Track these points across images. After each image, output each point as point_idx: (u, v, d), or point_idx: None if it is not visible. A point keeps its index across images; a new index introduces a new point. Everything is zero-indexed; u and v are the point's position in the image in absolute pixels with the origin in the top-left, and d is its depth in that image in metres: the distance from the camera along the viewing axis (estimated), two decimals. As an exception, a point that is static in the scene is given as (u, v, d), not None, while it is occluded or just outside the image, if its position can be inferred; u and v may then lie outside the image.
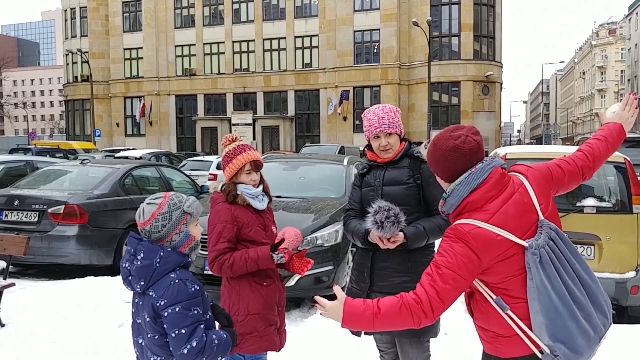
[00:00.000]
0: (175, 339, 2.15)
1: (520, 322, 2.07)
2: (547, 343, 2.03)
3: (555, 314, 2.03)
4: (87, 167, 8.80)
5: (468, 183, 2.11)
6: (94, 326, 5.13)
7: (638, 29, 58.75)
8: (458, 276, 2.02)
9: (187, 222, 2.29)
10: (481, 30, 36.26)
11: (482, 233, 2.03)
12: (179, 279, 2.20)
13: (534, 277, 2.03)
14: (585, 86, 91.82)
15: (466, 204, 2.11)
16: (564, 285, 2.07)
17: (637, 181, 5.53)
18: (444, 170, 2.17)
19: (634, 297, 5.30)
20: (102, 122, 42.40)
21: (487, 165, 2.13)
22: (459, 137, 2.13)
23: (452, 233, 2.09)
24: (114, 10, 42.99)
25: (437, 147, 2.17)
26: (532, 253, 2.04)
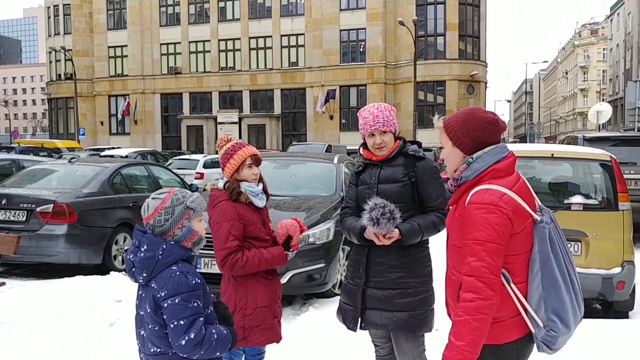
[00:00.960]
0: (174, 330, 2.18)
1: (520, 296, 2.20)
2: (543, 316, 2.17)
3: (555, 286, 2.18)
4: (75, 165, 8.75)
5: (496, 153, 2.26)
6: (85, 325, 5.11)
7: (619, 30, 59.47)
8: (501, 247, 2.14)
9: (189, 217, 2.33)
10: (466, 30, 36.51)
11: (511, 200, 2.17)
12: (180, 271, 2.23)
13: (540, 249, 2.19)
14: (568, 86, 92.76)
15: (492, 170, 2.22)
16: (564, 261, 2.23)
17: (622, 179, 5.63)
18: (474, 139, 2.27)
19: (620, 293, 5.40)
20: (86, 121, 42.02)
21: (506, 146, 2.32)
22: (495, 114, 2.32)
23: (481, 200, 2.17)
24: (98, 8, 42.61)
25: (474, 117, 2.28)
26: (543, 227, 2.20)
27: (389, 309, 3.05)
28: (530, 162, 6.24)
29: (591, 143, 9.36)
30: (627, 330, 5.02)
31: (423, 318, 3.07)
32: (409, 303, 3.04)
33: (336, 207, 6.51)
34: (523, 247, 2.20)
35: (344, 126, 37.64)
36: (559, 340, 2.19)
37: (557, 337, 2.18)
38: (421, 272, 3.12)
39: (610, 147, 9.14)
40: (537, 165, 6.39)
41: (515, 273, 2.21)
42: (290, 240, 3.19)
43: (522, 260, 2.21)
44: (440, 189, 3.14)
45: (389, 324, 3.07)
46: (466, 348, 2.08)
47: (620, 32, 58.71)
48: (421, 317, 3.06)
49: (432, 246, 3.27)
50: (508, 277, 2.19)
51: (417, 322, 3.06)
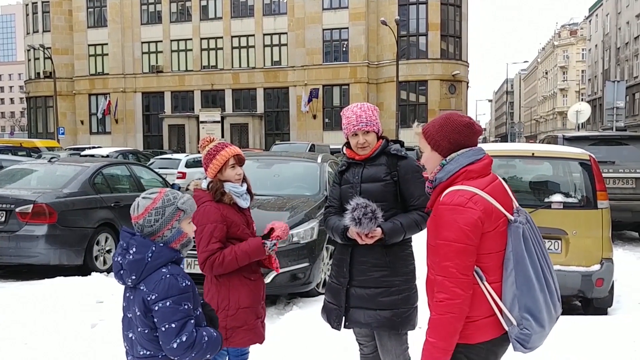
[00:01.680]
0: (165, 333, 2.16)
1: (494, 294, 2.25)
2: (516, 315, 2.22)
3: (528, 285, 2.23)
4: (55, 165, 8.64)
5: (469, 155, 2.33)
6: (66, 327, 5.06)
7: (598, 30, 60.28)
8: (470, 248, 2.20)
9: (180, 218, 2.31)
10: (448, 30, 36.75)
11: (481, 199, 2.23)
12: (170, 273, 2.21)
13: (515, 249, 2.24)
14: (548, 85, 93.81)
15: (465, 171, 2.30)
16: (538, 261, 2.29)
17: (601, 178, 5.72)
18: (450, 141, 2.34)
19: (599, 290, 5.48)
20: (66, 120, 41.49)
21: (482, 149, 2.39)
22: (470, 118, 2.42)
23: (450, 201, 2.24)
24: (77, 5, 42.09)
25: (450, 120, 2.38)
26: (517, 226, 2.26)
27: (372, 307, 3.07)
28: (512, 161, 6.31)
29: (571, 142, 9.48)
30: (606, 326, 5.09)
31: (406, 316, 3.09)
32: (393, 301, 3.06)
33: (320, 207, 6.52)
34: (496, 246, 2.26)
35: (327, 125, 37.67)
36: (533, 338, 2.22)
37: (531, 335, 2.21)
38: (404, 271, 3.14)
39: (589, 146, 9.27)
40: (518, 164, 6.46)
41: (489, 272, 2.26)
42: (271, 232, 3.15)
43: (495, 259, 2.26)
44: (422, 187, 3.16)
45: (373, 323, 3.09)
46: (438, 344, 2.20)
47: (599, 33, 59.53)
48: (404, 315, 3.08)
49: (415, 244, 3.30)
50: (481, 275, 2.24)
51: (401, 320, 3.08)
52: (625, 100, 21.33)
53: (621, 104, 19.84)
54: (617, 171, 9.50)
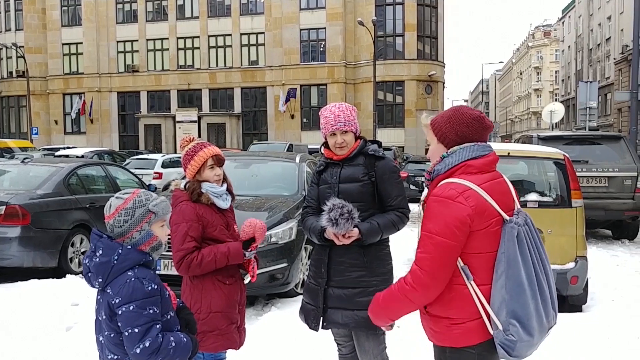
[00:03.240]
0: (129, 338, 2.13)
1: (481, 296, 2.16)
2: (503, 320, 2.12)
3: (519, 290, 2.12)
4: (28, 166, 8.49)
5: (473, 151, 2.24)
6: (41, 330, 4.99)
7: (571, 32, 61.24)
8: (452, 244, 2.12)
9: (150, 221, 2.27)
10: (424, 31, 37.00)
11: (474, 195, 2.14)
12: (136, 277, 2.17)
13: (507, 250, 2.14)
14: (522, 86, 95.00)
15: (464, 165, 2.21)
16: (533, 266, 2.18)
17: (575, 177, 5.81)
18: (457, 134, 2.26)
19: (574, 287, 5.57)
20: (40, 120, 40.80)
21: (489, 146, 2.31)
22: (481, 112, 2.33)
23: (441, 193, 2.17)
24: (51, 4, 41.36)
25: (459, 113, 2.29)
26: (512, 227, 2.16)
27: (350, 307, 3.07)
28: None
29: (545, 142, 9.61)
30: (581, 323, 5.18)
31: None
32: (370, 301, 3.07)
33: (298, 207, 6.51)
34: (486, 246, 2.17)
35: (305, 125, 37.66)
36: (518, 346, 2.12)
37: (516, 342, 2.11)
38: (382, 271, 3.15)
39: (563, 145, 9.42)
40: (494, 163, 6.52)
41: (478, 273, 2.17)
42: (252, 242, 3.12)
43: (485, 260, 2.17)
44: (399, 188, 3.18)
45: (350, 323, 3.09)
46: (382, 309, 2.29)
47: (572, 34, 60.50)
48: None
49: (392, 245, 3.31)
50: (469, 274, 2.16)
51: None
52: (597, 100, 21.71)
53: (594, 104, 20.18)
54: (591, 170, 9.67)
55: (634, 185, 9.59)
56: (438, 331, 2.25)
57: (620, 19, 42.57)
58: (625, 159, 9.85)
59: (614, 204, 9.59)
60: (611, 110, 45.42)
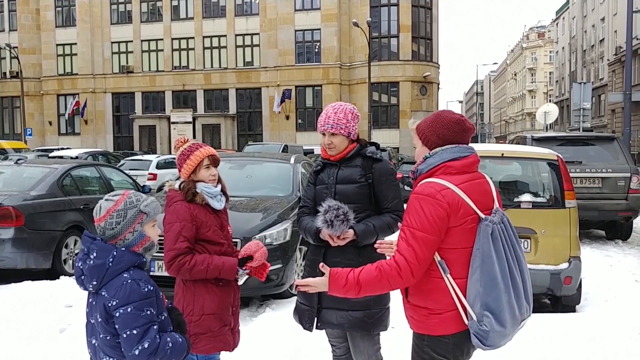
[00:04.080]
0: (127, 340, 2.12)
1: (457, 289, 2.29)
2: (478, 311, 2.25)
3: (492, 284, 2.25)
4: (22, 167, 8.46)
5: (454, 152, 2.38)
6: (34, 332, 4.97)
7: (565, 33, 61.48)
8: (431, 239, 2.26)
9: (142, 221, 2.26)
10: (419, 32, 37.07)
11: (451, 194, 2.28)
12: (132, 279, 2.16)
13: (482, 247, 2.27)
14: (516, 87, 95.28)
15: (444, 166, 2.35)
16: (507, 261, 2.31)
17: (569, 177, 5.83)
18: (439, 136, 2.40)
19: (567, 287, 5.59)
20: (34, 121, 40.62)
21: (470, 148, 2.44)
22: (462, 116, 2.47)
23: (422, 191, 2.31)
24: (45, 4, 41.22)
25: (441, 117, 2.44)
26: (486, 225, 2.29)
27: (344, 308, 3.07)
28: (482, 162, 6.36)
29: (539, 143, 9.64)
30: (575, 323, 5.20)
31: (378, 317, 3.11)
32: (365, 302, 3.07)
33: (293, 208, 6.51)
34: (462, 242, 2.29)
35: (300, 126, 37.66)
36: (492, 336, 2.24)
37: (489, 332, 2.23)
38: None
39: (557, 146, 9.45)
40: (487, 164, 6.54)
41: (454, 267, 2.30)
42: (249, 260, 3.08)
43: (461, 255, 2.30)
44: (396, 190, 3.19)
45: (345, 323, 3.10)
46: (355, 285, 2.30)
47: (566, 36, 60.74)
48: (376, 315, 3.10)
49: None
50: (445, 268, 2.29)
51: (373, 320, 3.09)
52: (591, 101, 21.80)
53: (587, 105, 20.25)
54: (584, 171, 9.70)
55: (627, 185, 9.63)
56: (417, 319, 2.40)
57: (614, 21, 42.76)
58: (618, 159, 9.89)
59: (607, 204, 9.62)
60: (605, 111, 45.61)
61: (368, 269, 2.32)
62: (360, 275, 2.31)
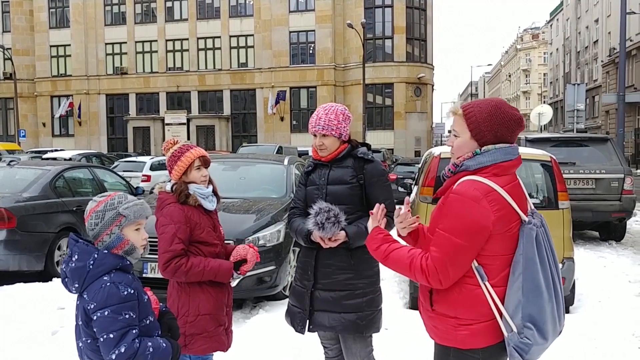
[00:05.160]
0: (104, 344, 2.09)
1: (496, 298, 2.09)
2: (518, 323, 2.06)
3: (536, 292, 2.07)
4: (15, 168, 8.42)
5: (507, 153, 2.16)
6: (26, 334, 4.94)
7: (559, 34, 61.74)
8: (470, 247, 2.06)
9: (120, 224, 2.22)
10: (413, 33, 37.15)
11: (498, 197, 2.07)
12: (112, 282, 2.13)
13: (525, 252, 2.08)
14: (511, 88, 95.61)
15: (497, 167, 2.13)
16: (549, 268, 2.13)
17: (562, 178, 5.83)
18: (497, 135, 2.16)
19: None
20: (27, 122, 40.51)
21: (517, 148, 2.23)
22: (520, 113, 2.22)
23: (465, 193, 2.08)
24: (39, 5, 41.16)
25: (501, 112, 2.16)
26: (530, 228, 2.10)
27: (336, 310, 3.06)
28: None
29: (533, 144, 9.65)
30: (568, 324, 5.18)
31: (371, 319, 3.09)
32: (357, 304, 3.06)
33: (286, 209, 6.48)
34: (503, 249, 2.11)
35: (295, 127, 37.67)
36: (533, 349, 2.07)
37: (531, 345, 2.06)
38: (369, 273, 3.14)
39: (550, 147, 9.47)
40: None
41: (492, 275, 2.11)
42: (243, 263, 3.09)
43: (501, 262, 2.12)
44: (388, 191, 3.17)
45: (337, 326, 3.08)
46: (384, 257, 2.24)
47: (560, 37, 61.00)
48: (369, 317, 3.08)
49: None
50: (483, 274, 2.10)
51: (365, 323, 3.08)
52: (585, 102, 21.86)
53: (581, 106, 20.33)
54: (578, 172, 9.71)
55: (621, 186, 9.65)
56: (443, 330, 2.19)
57: (608, 22, 42.98)
58: (612, 160, 9.91)
59: (601, 205, 9.64)
60: (599, 113, 45.82)
61: (401, 253, 2.19)
62: (391, 253, 2.20)
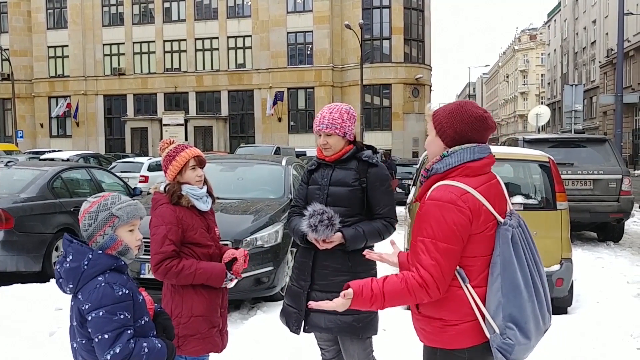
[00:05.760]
0: (99, 344, 2.08)
1: (477, 299, 2.12)
2: (500, 324, 2.09)
3: (516, 292, 2.09)
4: (12, 169, 8.42)
5: (474, 152, 2.19)
6: (24, 335, 4.93)
7: (556, 35, 61.83)
8: (456, 249, 2.08)
9: (114, 225, 2.21)
10: (411, 34, 37.19)
11: (472, 198, 2.10)
12: (106, 282, 2.12)
13: (502, 253, 2.11)
14: (509, 89, 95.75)
15: (464, 167, 2.16)
16: (528, 267, 2.15)
17: (560, 179, 5.84)
18: (457, 132, 2.19)
19: (559, 289, 5.59)
20: (25, 123, 40.45)
21: (488, 148, 2.26)
22: (486, 112, 2.25)
23: (441, 197, 2.11)
24: (36, 6, 41.11)
25: (463, 110, 2.21)
26: (506, 229, 2.12)
27: (333, 312, 3.02)
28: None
29: (531, 144, 9.66)
30: (566, 325, 5.21)
31: (368, 321, 3.06)
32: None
33: (284, 210, 6.49)
34: (482, 250, 2.13)
35: (293, 128, 37.66)
36: (516, 350, 2.09)
37: (514, 345, 2.08)
38: (366, 276, 3.11)
39: (548, 148, 9.47)
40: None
41: (473, 276, 2.14)
42: (234, 261, 3.08)
43: (480, 263, 2.14)
44: (389, 197, 3.14)
45: (334, 328, 3.05)
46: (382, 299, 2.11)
47: (557, 38, 61.09)
48: (366, 320, 3.05)
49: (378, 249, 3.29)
50: (465, 277, 2.13)
51: (362, 325, 3.05)
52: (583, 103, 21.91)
53: (579, 107, 20.36)
54: (576, 173, 9.72)
55: (619, 187, 9.66)
56: (430, 332, 2.22)
57: (605, 23, 43.05)
58: (610, 161, 9.92)
59: (599, 206, 9.65)
60: (596, 113, 45.89)
61: (392, 281, 2.13)
62: (384, 287, 2.12)
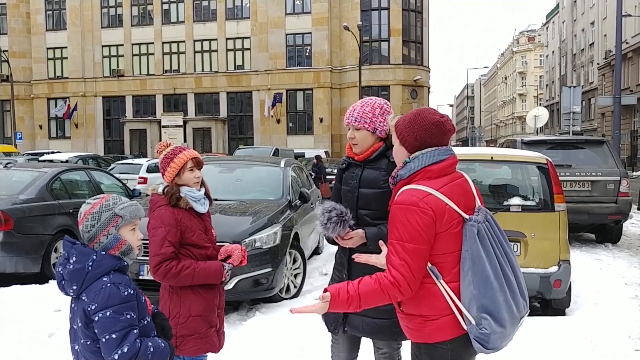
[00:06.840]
0: (106, 344, 2.09)
1: (452, 294, 2.23)
2: (475, 315, 2.19)
3: (486, 284, 2.20)
4: (11, 171, 8.42)
5: (434, 156, 2.30)
6: (23, 337, 4.93)
7: (555, 37, 61.92)
8: (422, 248, 2.20)
9: (117, 225, 2.24)
10: (409, 36, 37.21)
11: (434, 199, 2.21)
12: (112, 282, 2.14)
13: (470, 248, 2.22)
14: (507, 90, 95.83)
15: (424, 171, 2.28)
16: (497, 260, 2.26)
17: (558, 181, 5.85)
18: (416, 138, 2.33)
19: (557, 291, 5.60)
20: (24, 124, 40.42)
21: (449, 149, 2.37)
22: (443, 116, 2.36)
23: (404, 201, 2.23)
24: (36, 8, 41.10)
25: (419, 117, 2.34)
26: (472, 225, 2.24)
27: (371, 315, 2.90)
28: (471, 165, 6.41)
29: (529, 146, 9.67)
30: (564, 326, 5.22)
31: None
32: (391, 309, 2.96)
33: (283, 211, 6.51)
34: (450, 246, 2.24)
35: (291, 130, 37.65)
36: (492, 338, 2.18)
37: (489, 334, 2.17)
38: None
39: (547, 150, 9.49)
40: (477, 168, 6.57)
41: (445, 272, 2.25)
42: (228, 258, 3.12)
43: (451, 259, 2.25)
44: None
45: (370, 330, 3.00)
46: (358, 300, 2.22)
47: (556, 40, 61.17)
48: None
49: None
50: (437, 273, 2.24)
51: (399, 329, 3.00)
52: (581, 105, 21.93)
53: (577, 108, 20.39)
54: (574, 174, 9.73)
55: (617, 189, 9.67)
56: (413, 328, 2.34)
57: (604, 25, 43.13)
58: (608, 163, 9.93)
59: (597, 207, 9.66)
60: (595, 115, 45.95)
61: (367, 282, 2.24)
62: (360, 288, 2.23)
